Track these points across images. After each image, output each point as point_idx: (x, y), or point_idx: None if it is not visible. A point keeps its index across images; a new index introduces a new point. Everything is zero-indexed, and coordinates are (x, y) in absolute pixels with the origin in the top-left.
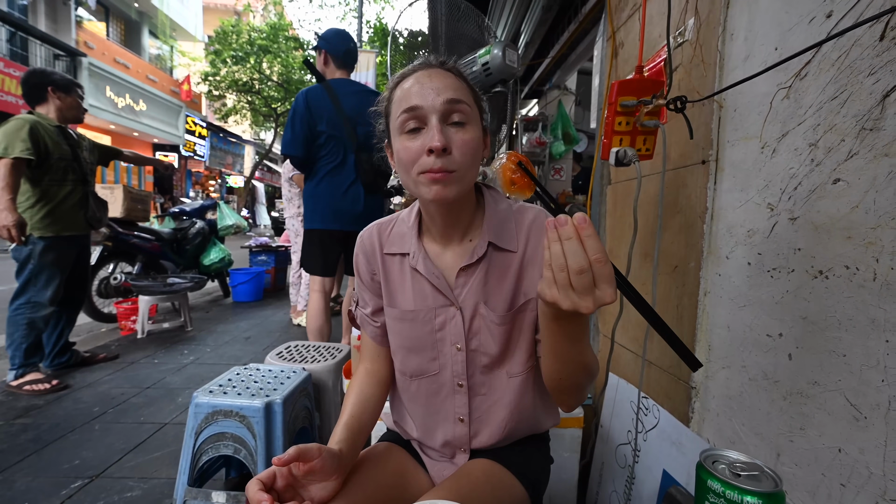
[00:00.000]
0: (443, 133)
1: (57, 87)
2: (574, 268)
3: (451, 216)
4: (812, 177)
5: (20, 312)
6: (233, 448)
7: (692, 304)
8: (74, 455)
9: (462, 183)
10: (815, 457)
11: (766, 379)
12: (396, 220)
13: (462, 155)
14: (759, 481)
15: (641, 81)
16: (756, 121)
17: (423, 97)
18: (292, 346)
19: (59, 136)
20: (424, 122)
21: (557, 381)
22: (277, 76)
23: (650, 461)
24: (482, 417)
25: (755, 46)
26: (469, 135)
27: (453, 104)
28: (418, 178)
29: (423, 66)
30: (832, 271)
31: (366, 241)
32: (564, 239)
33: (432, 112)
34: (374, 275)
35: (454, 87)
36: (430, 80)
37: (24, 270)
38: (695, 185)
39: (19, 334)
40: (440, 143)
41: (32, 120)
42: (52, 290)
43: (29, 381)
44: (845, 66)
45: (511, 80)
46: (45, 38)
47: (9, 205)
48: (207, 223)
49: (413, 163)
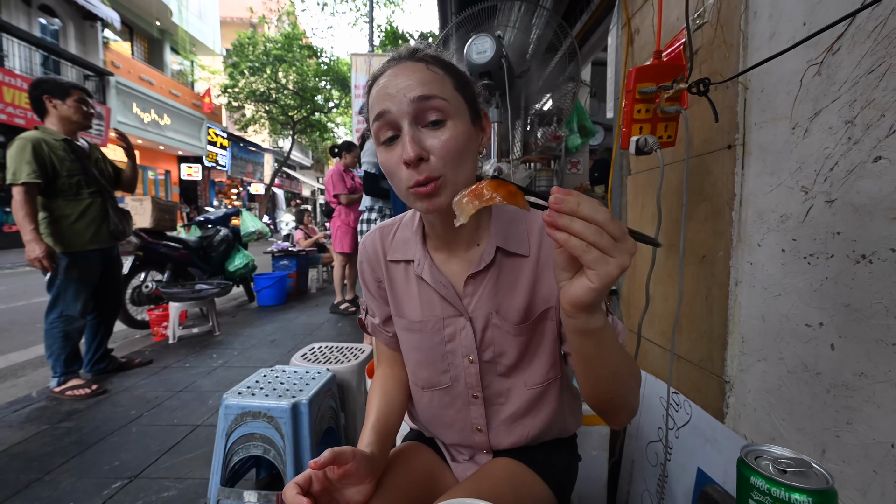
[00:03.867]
0: (415, 141)
1: (51, 95)
2: (604, 220)
3: (450, 223)
4: (850, 156)
5: (55, 326)
6: (262, 448)
7: (722, 295)
8: (114, 457)
9: (453, 186)
10: (865, 453)
11: (807, 371)
12: (399, 223)
13: (443, 158)
14: (808, 478)
15: (660, 66)
16: (785, 101)
17: (391, 99)
18: (316, 348)
19: (65, 150)
20: (398, 128)
21: (606, 397)
22: (293, 84)
23: (683, 459)
24: (500, 427)
25: (781, 23)
26: (448, 133)
27: (423, 102)
28: (407, 193)
29: (393, 62)
30: (876, 255)
31: (369, 248)
32: (577, 207)
33: (402, 117)
34: (380, 282)
35: (423, 80)
36: (397, 77)
37: (53, 286)
38: (721, 172)
39: (57, 346)
40: (413, 153)
41: (34, 138)
42: (81, 302)
43: (71, 387)
44: (883, 36)
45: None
46: (76, 59)
47: (34, 235)
48: (231, 230)
49: (397, 176)
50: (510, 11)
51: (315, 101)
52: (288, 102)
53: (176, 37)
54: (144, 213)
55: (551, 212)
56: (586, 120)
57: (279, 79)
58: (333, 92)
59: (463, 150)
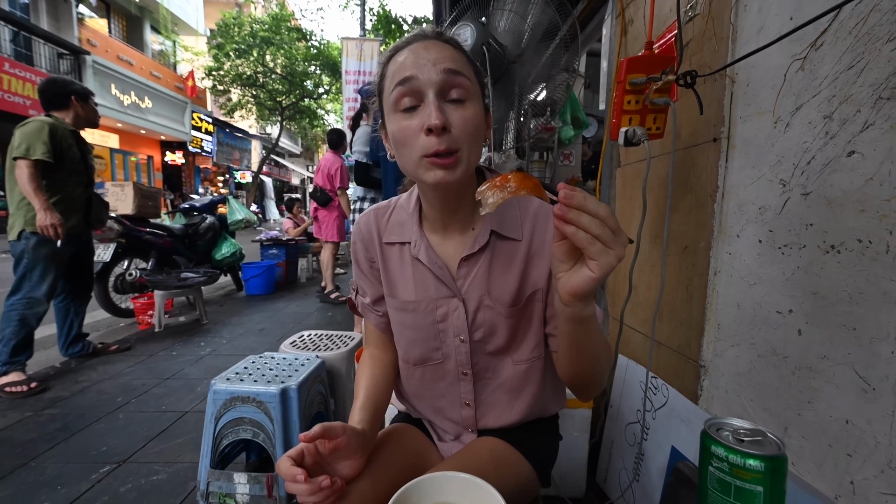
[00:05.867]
0: (441, 109)
1: (79, 97)
2: (605, 214)
3: (451, 203)
4: (826, 150)
5: (14, 308)
6: (251, 432)
7: (702, 285)
8: (101, 442)
9: (466, 165)
10: (823, 429)
11: (776, 355)
12: (395, 205)
13: (463, 133)
14: (762, 446)
15: (651, 58)
16: (769, 95)
17: (419, 68)
18: (305, 336)
19: (72, 139)
20: (420, 97)
21: (584, 377)
22: (281, 69)
23: (659, 438)
24: (487, 400)
25: (769, 17)
26: (470, 111)
27: (452, 76)
28: (420, 162)
29: (419, 38)
30: (844, 245)
31: (363, 228)
32: (584, 202)
33: (429, 86)
34: (372, 262)
35: (452, 58)
36: (427, 51)
37: (20, 266)
38: (706, 164)
39: (10, 330)
40: (438, 120)
41: (51, 122)
42: (47, 285)
43: (10, 383)
44: (863, 33)
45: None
46: (49, 36)
47: (46, 204)
48: (218, 218)
49: (411, 144)
50: None
51: (304, 86)
52: (276, 87)
53: (156, 14)
54: (126, 200)
55: (561, 206)
56: (580, 111)
57: (266, 62)
58: (323, 77)
59: (479, 131)
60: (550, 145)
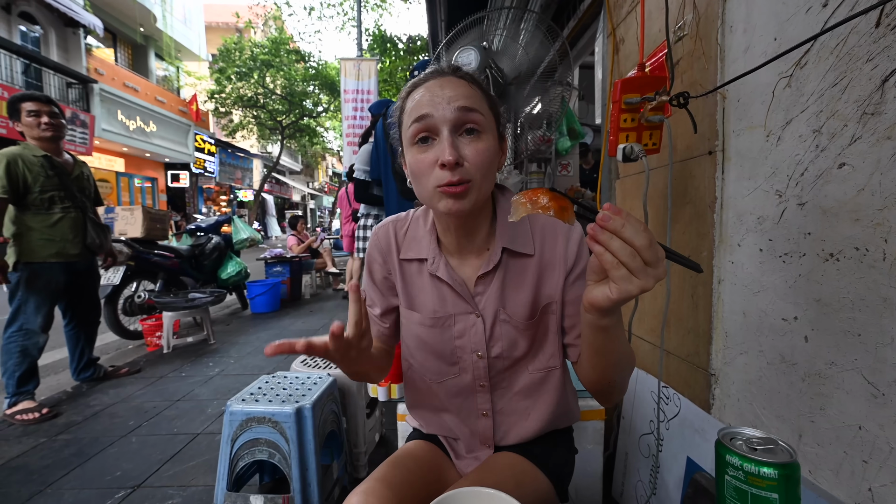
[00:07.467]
0: (454, 146)
1: (11, 117)
2: (641, 245)
3: (465, 229)
4: (818, 162)
5: (13, 340)
6: (267, 453)
7: (707, 293)
8: (116, 467)
9: (478, 194)
10: (837, 436)
11: (784, 362)
12: (410, 219)
13: (476, 166)
14: (775, 454)
15: (643, 78)
16: (760, 110)
17: (434, 106)
18: None
19: (42, 166)
20: (436, 133)
21: (606, 383)
22: (281, 89)
23: (674, 449)
24: (504, 409)
25: (754, 38)
26: (483, 144)
27: (465, 113)
28: (434, 192)
29: (435, 75)
30: (843, 253)
31: (381, 239)
32: (620, 228)
33: (443, 123)
34: (387, 275)
35: (466, 95)
36: (442, 88)
37: (14, 298)
38: (703, 176)
39: (13, 362)
40: (452, 157)
41: (10, 154)
42: (42, 316)
43: (21, 411)
44: (844, 53)
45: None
46: (58, 67)
47: None
48: (223, 238)
49: (426, 175)
50: (498, 19)
51: (304, 105)
52: (276, 107)
53: (160, 42)
54: (135, 223)
55: (596, 226)
56: (575, 123)
57: (267, 84)
58: (322, 96)
59: (492, 162)
60: (548, 156)
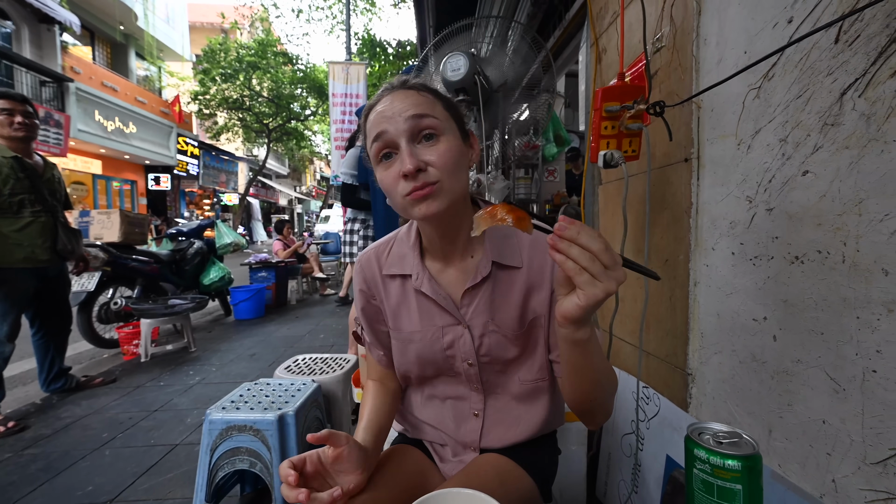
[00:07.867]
0: (413, 154)
1: None
2: (598, 249)
3: (448, 232)
4: (784, 170)
5: None
6: (248, 462)
7: (684, 296)
8: (87, 481)
9: (449, 194)
10: (803, 430)
11: (755, 361)
12: (395, 239)
13: (440, 167)
14: (739, 447)
15: (623, 87)
16: (731, 119)
17: (388, 121)
18: (300, 360)
19: (11, 168)
20: (395, 147)
21: (587, 402)
22: (268, 92)
23: (654, 448)
24: (494, 415)
25: (726, 50)
26: (444, 145)
27: (418, 120)
28: (405, 202)
29: (385, 92)
30: (806, 256)
31: (365, 268)
32: (576, 235)
33: (399, 135)
34: (372, 299)
35: (416, 103)
36: (392, 103)
37: None
38: (679, 182)
39: None
40: (412, 165)
41: None
42: (8, 324)
43: None
44: (807, 66)
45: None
46: (31, 65)
47: None
48: (206, 243)
49: (394, 188)
50: (486, 27)
51: (291, 108)
52: (262, 110)
53: (142, 41)
54: (112, 227)
55: (554, 236)
56: (561, 129)
57: (253, 86)
58: (310, 99)
59: (457, 161)
60: (535, 162)
